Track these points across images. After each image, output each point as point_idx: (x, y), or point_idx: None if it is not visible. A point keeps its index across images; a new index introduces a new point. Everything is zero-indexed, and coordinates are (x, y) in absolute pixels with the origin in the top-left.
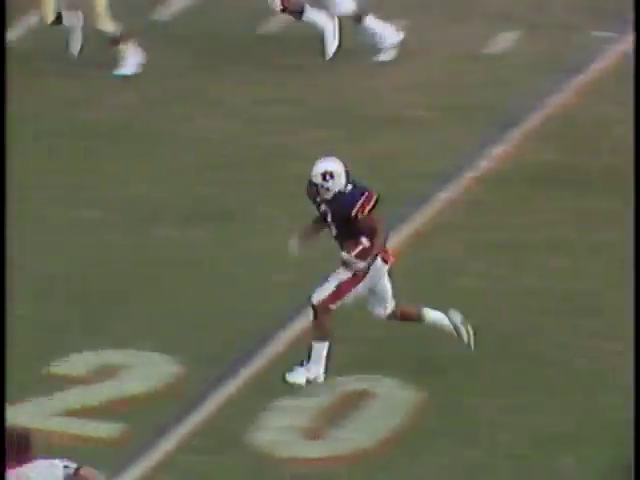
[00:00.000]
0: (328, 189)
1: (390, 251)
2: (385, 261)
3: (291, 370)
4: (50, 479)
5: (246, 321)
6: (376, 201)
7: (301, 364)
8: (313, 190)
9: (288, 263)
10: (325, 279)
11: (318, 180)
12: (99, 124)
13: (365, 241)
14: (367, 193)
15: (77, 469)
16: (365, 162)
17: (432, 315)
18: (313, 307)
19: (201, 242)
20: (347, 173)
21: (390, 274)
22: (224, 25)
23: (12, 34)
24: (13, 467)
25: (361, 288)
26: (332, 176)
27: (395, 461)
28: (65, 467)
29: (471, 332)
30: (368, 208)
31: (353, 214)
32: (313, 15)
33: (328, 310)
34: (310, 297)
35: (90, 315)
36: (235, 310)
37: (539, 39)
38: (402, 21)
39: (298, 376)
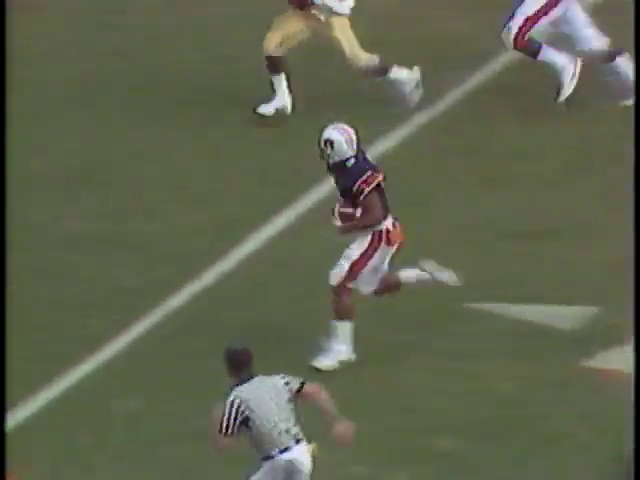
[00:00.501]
0: (329, 156)
1: (397, 233)
2: (389, 243)
3: (316, 357)
4: (272, 390)
5: None
6: (378, 183)
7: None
8: (320, 153)
9: None
10: (338, 260)
11: (321, 145)
12: None
13: (357, 212)
14: (369, 173)
15: (302, 383)
16: None
17: (409, 274)
18: (332, 289)
19: None
20: (355, 143)
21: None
22: None
23: None
24: (234, 382)
25: (373, 263)
26: (332, 145)
27: None
28: (286, 383)
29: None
30: (368, 189)
31: (354, 190)
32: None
33: (347, 290)
34: (328, 279)
35: None
36: None
37: None
38: None
39: (325, 360)
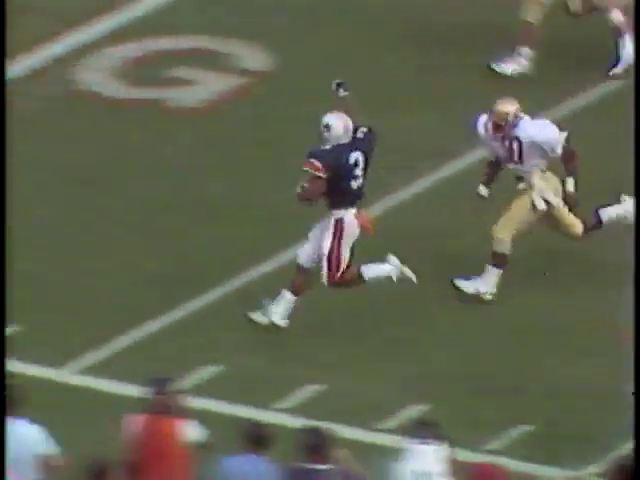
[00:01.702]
0: (325, 139)
1: (366, 218)
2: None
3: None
4: None
5: None
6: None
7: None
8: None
9: None
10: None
11: (321, 128)
12: None
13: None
14: (315, 162)
15: None
16: None
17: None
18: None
19: None
20: (352, 131)
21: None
22: None
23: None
24: None
25: (346, 242)
26: (328, 129)
27: None
28: None
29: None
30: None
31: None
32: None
33: (343, 279)
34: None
35: None
36: None
37: None
38: None
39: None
